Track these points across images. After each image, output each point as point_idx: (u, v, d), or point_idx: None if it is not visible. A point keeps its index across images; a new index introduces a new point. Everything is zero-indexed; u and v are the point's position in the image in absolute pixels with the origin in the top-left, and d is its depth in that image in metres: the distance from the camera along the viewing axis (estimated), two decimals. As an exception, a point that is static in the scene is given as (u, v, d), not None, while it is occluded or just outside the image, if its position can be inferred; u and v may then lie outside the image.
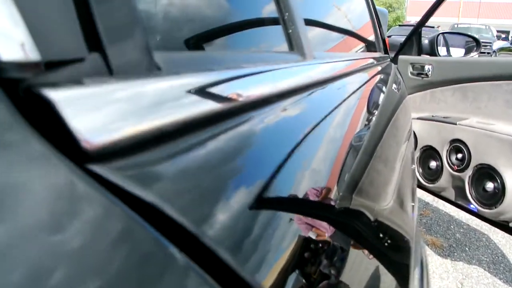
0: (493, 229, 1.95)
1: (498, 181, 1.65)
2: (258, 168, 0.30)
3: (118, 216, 0.17)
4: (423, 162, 2.08)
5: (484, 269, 2.05)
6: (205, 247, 0.20)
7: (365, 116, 0.72)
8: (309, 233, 0.32)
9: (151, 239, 0.18)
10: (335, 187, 0.43)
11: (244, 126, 0.31)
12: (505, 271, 2.04)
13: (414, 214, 1.01)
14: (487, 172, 1.70)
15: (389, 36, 2.80)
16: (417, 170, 2.07)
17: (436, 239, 2.34)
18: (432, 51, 2.17)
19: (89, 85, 0.19)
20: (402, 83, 1.83)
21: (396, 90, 1.44)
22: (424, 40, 2.19)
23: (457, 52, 2.27)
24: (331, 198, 0.40)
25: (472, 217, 1.92)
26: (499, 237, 2.33)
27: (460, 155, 1.86)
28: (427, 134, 2.03)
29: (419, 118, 2.08)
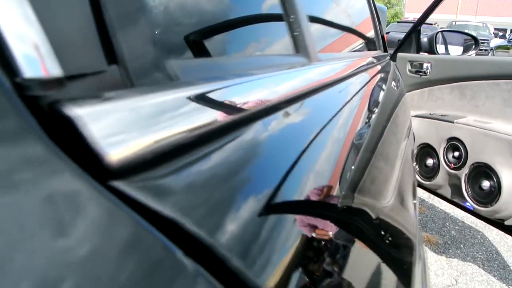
0: (488, 226, 1.96)
1: (494, 180, 1.67)
2: (268, 171, 0.30)
3: (142, 233, 0.18)
4: (420, 159, 2.09)
5: (479, 266, 2.07)
6: (216, 256, 0.20)
7: (367, 115, 0.73)
8: (315, 233, 0.32)
9: (160, 245, 0.18)
10: (341, 186, 0.43)
11: (257, 131, 0.32)
12: (499, 268, 2.06)
13: (416, 212, 1.02)
14: (483, 170, 1.72)
15: (387, 33, 2.80)
16: (414, 167, 2.08)
17: (431, 236, 2.36)
18: (431, 49, 2.17)
19: (109, 99, 0.19)
20: (401, 80, 1.83)
21: (395, 88, 1.44)
22: (423, 38, 2.19)
23: (456, 50, 2.28)
24: (336, 197, 0.41)
25: (467, 214, 1.94)
26: (494, 234, 2.36)
27: (457, 153, 1.87)
28: (425, 132, 2.04)
29: (417, 116, 2.09)
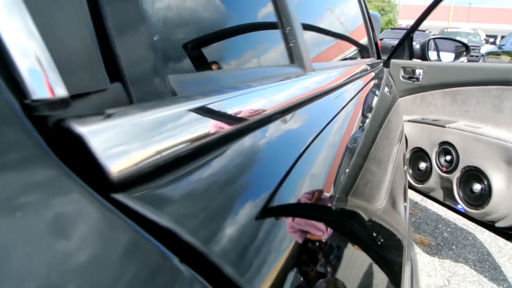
0: (479, 228, 2.00)
1: (485, 183, 1.71)
2: (265, 178, 0.32)
3: (141, 241, 0.18)
4: (413, 163, 2.14)
5: (470, 267, 2.11)
6: (210, 263, 0.21)
7: (361, 121, 0.75)
8: (309, 236, 0.34)
9: (157, 252, 0.19)
10: (335, 190, 0.45)
11: (254, 141, 0.33)
12: (490, 269, 2.10)
13: (406, 214, 1.04)
14: (474, 174, 1.76)
15: (381, 39, 2.85)
16: (407, 171, 2.12)
17: (424, 237, 2.40)
18: (423, 55, 2.22)
19: (112, 116, 0.20)
20: (393, 86, 1.87)
21: (388, 94, 1.47)
22: (416, 45, 2.24)
23: (447, 56, 2.32)
24: (330, 201, 0.43)
25: (459, 216, 1.98)
26: (485, 236, 2.40)
27: (448, 157, 1.91)
28: (417, 136, 2.09)
29: (409, 121, 2.13)
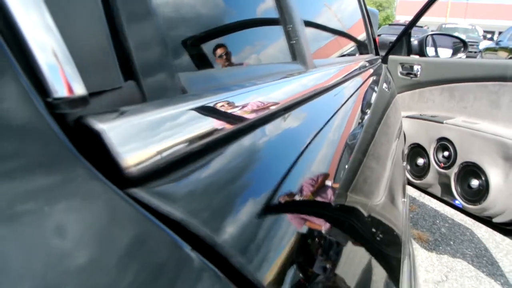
0: (477, 224, 2.02)
1: (483, 179, 1.72)
2: (270, 172, 0.33)
3: (155, 231, 0.19)
4: (411, 159, 2.15)
5: (468, 263, 2.12)
6: (219, 252, 0.22)
7: (360, 117, 0.76)
8: (310, 230, 0.35)
9: (170, 241, 0.20)
10: (335, 186, 0.46)
11: (260, 136, 0.34)
12: (487, 264, 2.12)
13: (405, 209, 1.05)
14: (472, 169, 1.77)
15: (379, 35, 2.85)
16: (405, 167, 2.12)
17: (422, 233, 2.42)
18: (421, 51, 2.23)
19: (128, 113, 0.21)
20: (392, 82, 1.88)
21: (386, 90, 1.48)
22: (414, 41, 2.25)
23: (445, 52, 2.33)
24: (330, 197, 0.43)
25: (456, 212, 1.99)
26: (483, 231, 2.42)
27: (446, 153, 1.92)
28: (415, 132, 2.09)
29: (407, 117, 2.14)
